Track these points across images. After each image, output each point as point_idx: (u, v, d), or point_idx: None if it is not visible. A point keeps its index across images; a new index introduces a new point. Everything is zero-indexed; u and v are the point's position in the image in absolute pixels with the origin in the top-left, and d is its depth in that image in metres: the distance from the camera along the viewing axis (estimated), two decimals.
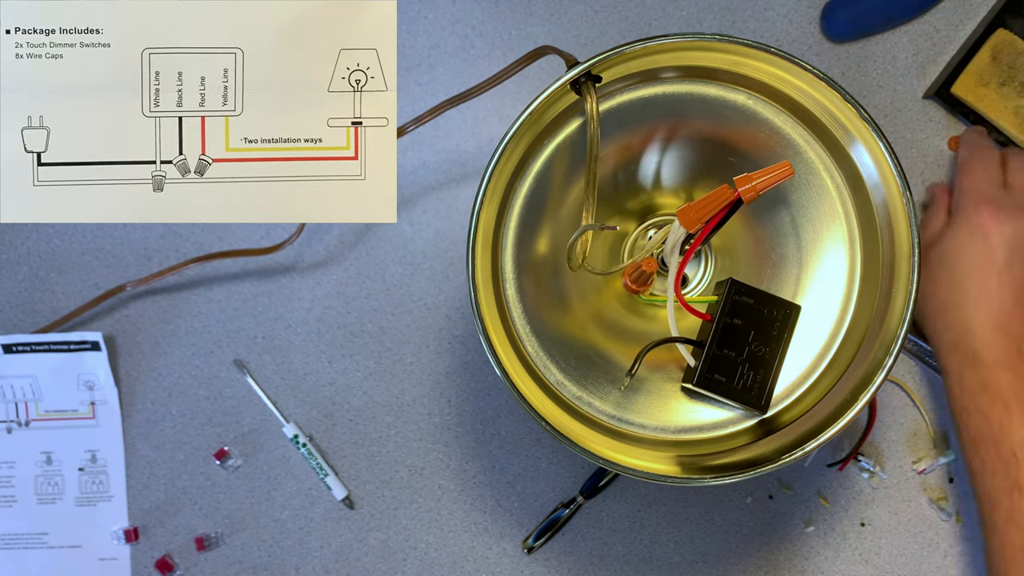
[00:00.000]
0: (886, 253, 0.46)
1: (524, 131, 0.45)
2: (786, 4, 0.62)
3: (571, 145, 0.47)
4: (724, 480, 0.44)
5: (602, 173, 0.46)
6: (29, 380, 0.61)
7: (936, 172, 0.62)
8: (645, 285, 0.49)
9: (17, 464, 0.62)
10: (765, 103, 0.47)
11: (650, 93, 0.47)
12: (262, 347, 0.62)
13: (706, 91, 0.47)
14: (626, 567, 0.62)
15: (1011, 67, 0.59)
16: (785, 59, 0.44)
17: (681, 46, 0.45)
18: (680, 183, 0.50)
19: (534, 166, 0.47)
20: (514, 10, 0.62)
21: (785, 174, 0.42)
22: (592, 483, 0.61)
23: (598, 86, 0.45)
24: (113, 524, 0.62)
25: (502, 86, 0.46)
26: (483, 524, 0.62)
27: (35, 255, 0.62)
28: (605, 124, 0.46)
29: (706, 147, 0.48)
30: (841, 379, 0.46)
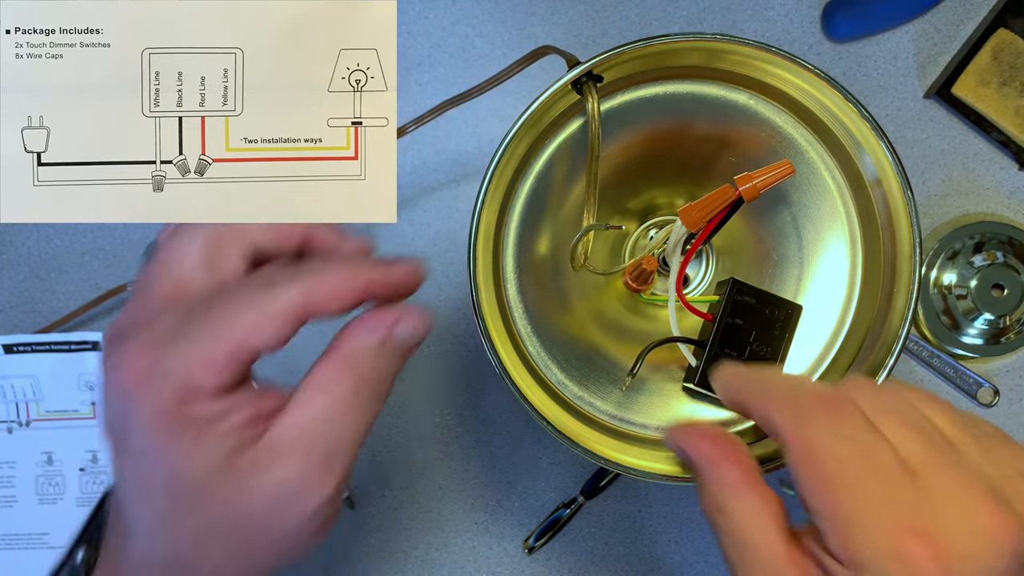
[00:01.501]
0: (887, 253, 0.46)
1: (525, 131, 0.45)
2: (787, 4, 0.62)
3: (572, 145, 0.47)
4: None
5: (603, 173, 0.46)
6: (30, 380, 0.61)
7: (936, 172, 0.62)
8: (646, 284, 0.49)
9: (18, 464, 0.62)
10: (766, 103, 0.47)
11: (651, 93, 0.47)
12: None
13: (707, 91, 0.47)
14: (627, 567, 0.61)
15: (1012, 67, 0.59)
16: (787, 59, 0.44)
17: (683, 46, 0.45)
18: (681, 183, 0.50)
19: (535, 166, 0.47)
20: (514, 10, 0.62)
21: (786, 172, 0.42)
22: (593, 483, 0.61)
23: (599, 86, 0.45)
24: None
25: (503, 86, 0.46)
26: (484, 524, 0.62)
27: (35, 255, 0.62)
28: (606, 124, 0.46)
29: (707, 147, 0.48)
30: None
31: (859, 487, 0.29)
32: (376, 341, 0.32)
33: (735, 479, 0.32)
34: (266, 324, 0.30)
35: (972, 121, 0.60)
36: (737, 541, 0.31)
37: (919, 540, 0.27)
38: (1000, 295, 0.60)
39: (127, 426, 0.30)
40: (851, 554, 0.28)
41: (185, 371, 0.29)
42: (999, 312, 0.60)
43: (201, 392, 0.29)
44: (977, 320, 0.60)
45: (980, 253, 0.60)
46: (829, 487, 0.29)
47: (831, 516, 0.29)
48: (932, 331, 0.61)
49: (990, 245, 0.60)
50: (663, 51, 0.45)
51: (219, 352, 0.29)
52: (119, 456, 0.31)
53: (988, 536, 0.28)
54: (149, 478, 0.30)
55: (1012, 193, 0.61)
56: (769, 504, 0.32)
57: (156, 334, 0.30)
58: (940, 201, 0.62)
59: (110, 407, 0.31)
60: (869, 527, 0.28)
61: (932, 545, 0.27)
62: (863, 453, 0.29)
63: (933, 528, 0.28)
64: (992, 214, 0.61)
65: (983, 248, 0.60)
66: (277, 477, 0.30)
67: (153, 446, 0.29)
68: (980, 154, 0.61)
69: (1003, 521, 0.28)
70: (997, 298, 0.60)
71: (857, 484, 0.29)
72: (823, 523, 0.29)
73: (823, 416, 0.30)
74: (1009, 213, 0.61)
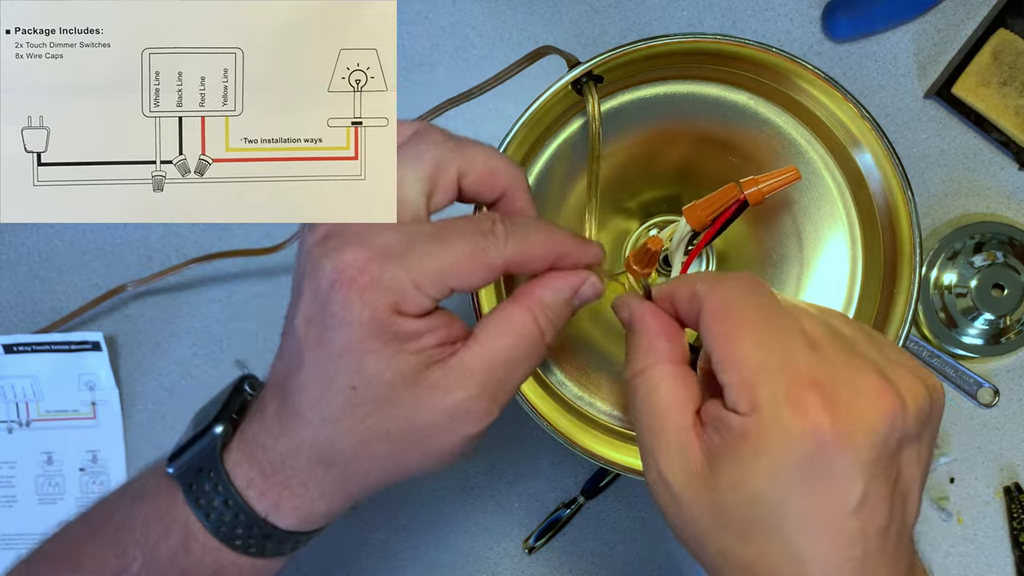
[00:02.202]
0: (887, 253, 0.46)
1: (525, 132, 0.45)
2: (787, 4, 0.62)
3: (572, 145, 0.47)
4: None
5: (604, 173, 0.46)
6: (30, 380, 0.61)
7: (937, 172, 0.62)
8: (650, 266, 0.48)
9: (18, 464, 0.62)
10: (766, 103, 0.47)
11: (651, 93, 0.47)
12: (262, 347, 0.62)
13: (707, 91, 0.47)
14: (627, 567, 0.61)
15: (1012, 67, 0.59)
16: (787, 59, 0.44)
17: (682, 47, 0.45)
18: (682, 183, 0.50)
19: (536, 166, 0.47)
20: (514, 10, 0.62)
21: (791, 179, 0.42)
22: (593, 483, 0.61)
23: (599, 86, 0.45)
24: None
25: (503, 86, 0.46)
26: (484, 524, 0.62)
27: (35, 255, 0.62)
28: (606, 124, 0.46)
29: (707, 147, 0.48)
30: None
31: (765, 340, 0.31)
32: (568, 295, 0.36)
33: (666, 352, 0.34)
34: (477, 271, 0.34)
35: (972, 121, 0.60)
36: (650, 404, 0.33)
37: (816, 391, 0.29)
38: (1000, 295, 0.60)
39: (331, 322, 0.32)
40: (750, 400, 0.30)
41: (401, 289, 0.32)
42: (999, 312, 0.60)
43: (410, 309, 0.32)
44: (977, 320, 0.60)
45: (980, 253, 0.60)
46: (736, 338, 0.31)
47: (736, 364, 0.31)
48: (932, 331, 0.61)
49: (990, 245, 0.60)
50: (663, 51, 0.45)
51: (433, 280, 0.33)
52: (310, 347, 0.33)
53: (876, 402, 0.30)
54: (343, 373, 0.33)
55: (1012, 193, 0.61)
56: (688, 383, 0.34)
57: (380, 248, 0.32)
58: (940, 201, 0.62)
59: (315, 301, 0.33)
60: (770, 374, 0.30)
61: (827, 398, 0.29)
62: (772, 315, 0.32)
63: (830, 385, 0.30)
64: (992, 214, 0.61)
65: (983, 248, 0.60)
66: (456, 398, 0.33)
67: (357, 347, 0.32)
68: (980, 154, 0.61)
69: (890, 395, 0.30)
70: (997, 298, 0.60)
71: (764, 337, 0.31)
72: (728, 374, 0.31)
73: (741, 286, 0.33)
74: (1009, 213, 0.61)
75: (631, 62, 0.45)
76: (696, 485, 0.32)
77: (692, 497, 0.32)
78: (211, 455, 0.35)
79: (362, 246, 0.33)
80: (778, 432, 0.29)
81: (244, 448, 0.35)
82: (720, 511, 0.31)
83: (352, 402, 0.33)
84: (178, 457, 0.36)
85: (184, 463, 0.36)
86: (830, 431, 0.29)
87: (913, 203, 0.44)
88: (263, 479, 0.35)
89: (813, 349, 0.31)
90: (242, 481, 0.35)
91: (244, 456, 0.35)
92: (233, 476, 0.35)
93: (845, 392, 0.30)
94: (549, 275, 0.36)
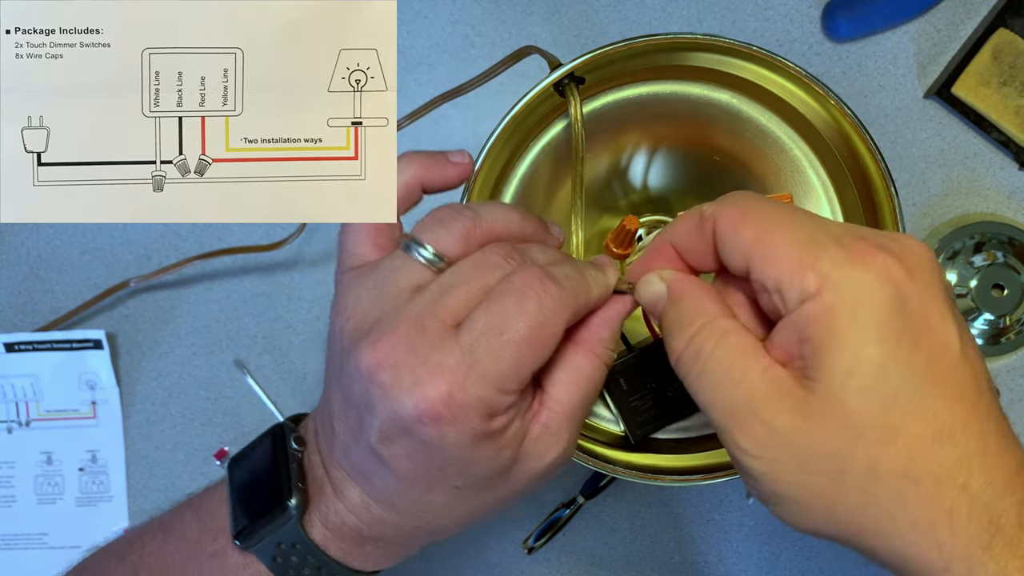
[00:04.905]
0: None
1: (509, 133, 0.45)
2: (787, 4, 0.62)
3: (555, 147, 0.47)
4: (724, 480, 0.44)
5: (589, 174, 0.46)
6: (30, 379, 0.61)
7: (936, 172, 0.62)
8: (630, 247, 0.48)
9: (17, 464, 0.62)
10: (750, 102, 0.47)
11: (635, 93, 0.47)
12: (262, 347, 0.62)
13: (691, 90, 0.47)
14: (627, 567, 0.62)
15: (1012, 67, 0.59)
16: (768, 57, 0.44)
17: (665, 45, 0.45)
18: (668, 182, 0.50)
19: (520, 168, 0.47)
20: (514, 10, 0.62)
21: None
22: (593, 483, 0.61)
23: (581, 88, 0.45)
24: (113, 524, 0.62)
25: (503, 85, 0.46)
26: (484, 524, 0.62)
27: (35, 255, 0.62)
28: (590, 125, 0.46)
29: (692, 146, 0.48)
30: None
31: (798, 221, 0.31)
32: (620, 325, 0.36)
33: (715, 309, 0.33)
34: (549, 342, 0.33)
35: (972, 121, 0.60)
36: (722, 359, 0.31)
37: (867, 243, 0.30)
38: (1000, 295, 0.60)
39: (423, 448, 0.32)
40: (815, 275, 0.29)
41: (490, 400, 0.32)
42: (999, 312, 0.60)
43: (501, 409, 0.32)
44: (977, 320, 0.60)
45: (980, 253, 0.60)
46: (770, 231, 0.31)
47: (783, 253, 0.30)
48: None
49: (990, 245, 0.60)
50: (646, 51, 0.45)
51: (513, 377, 0.32)
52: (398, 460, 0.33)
53: (914, 242, 0.30)
54: (444, 480, 0.33)
55: (1012, 193, 0.61)
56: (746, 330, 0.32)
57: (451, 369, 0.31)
58: (940, 201, 0.62)
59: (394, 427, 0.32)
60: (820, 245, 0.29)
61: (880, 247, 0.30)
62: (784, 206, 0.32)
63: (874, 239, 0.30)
64: (992, 214, 0.61)
65: (983, 248, 0.60)
66: (549, 459, 0.34)
67: (457, 462, 0.33)
68: (980, 154, 0.61)
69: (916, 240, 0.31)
70: (997, 298, 0.60)
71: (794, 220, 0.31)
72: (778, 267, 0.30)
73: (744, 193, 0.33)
74: (1009, 213, 0.61)
75: (613, 62, 0.45)
76: (813, 410, 0.29)
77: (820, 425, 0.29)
78: (293, 530, 0.36)
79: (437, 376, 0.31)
80: (857, 289, 0.28)
81: (330, 526, 0.36)
82: (851, 417, 0.28)
83: (455, 496, 0.34)
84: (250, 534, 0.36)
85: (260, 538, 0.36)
86: (901, 272, 0.29)
87: (898, 199, 0.45)
88: (357, 547, 0.36)
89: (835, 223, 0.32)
90: (337, 552, 0.36)
91: (333, 534, 0.36)
92: (325, 548, 0.36)
93: (886, 240, 0.30)
94: (601, 313, 0.36)
